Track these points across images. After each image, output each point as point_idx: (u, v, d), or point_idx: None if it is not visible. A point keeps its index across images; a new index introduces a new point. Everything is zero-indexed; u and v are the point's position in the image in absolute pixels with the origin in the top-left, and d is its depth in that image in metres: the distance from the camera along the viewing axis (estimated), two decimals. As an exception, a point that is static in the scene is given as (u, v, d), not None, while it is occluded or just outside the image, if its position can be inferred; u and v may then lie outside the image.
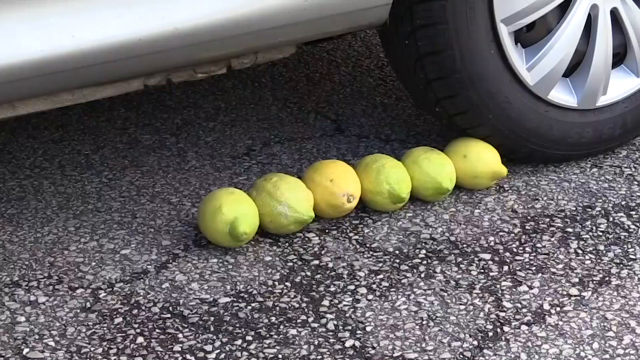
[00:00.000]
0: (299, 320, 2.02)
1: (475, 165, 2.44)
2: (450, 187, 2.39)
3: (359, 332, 1.99)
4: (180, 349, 1.94)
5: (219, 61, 2.23)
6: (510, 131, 2.47)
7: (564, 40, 2.44)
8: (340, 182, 2.31)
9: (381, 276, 2.16)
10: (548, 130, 2.50)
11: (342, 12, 2.20)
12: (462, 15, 2.32)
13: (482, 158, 2.44)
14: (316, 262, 2.22)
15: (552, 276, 2.16)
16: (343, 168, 2.36)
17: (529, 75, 2.43)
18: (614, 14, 2.52)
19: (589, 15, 2.48)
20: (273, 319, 2.03)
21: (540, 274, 2.17)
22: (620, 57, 2.58)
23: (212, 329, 2.00)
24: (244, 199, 2.24)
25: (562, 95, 2.51)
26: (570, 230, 2.34)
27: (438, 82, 2.41)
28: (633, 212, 2.40)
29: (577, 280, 2.15)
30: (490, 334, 1.98)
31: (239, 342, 1.96)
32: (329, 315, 2.04)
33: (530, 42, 2.46)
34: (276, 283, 2.14)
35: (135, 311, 2.05)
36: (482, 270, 2.18)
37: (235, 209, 2.20)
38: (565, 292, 2.11)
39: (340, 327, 2.00)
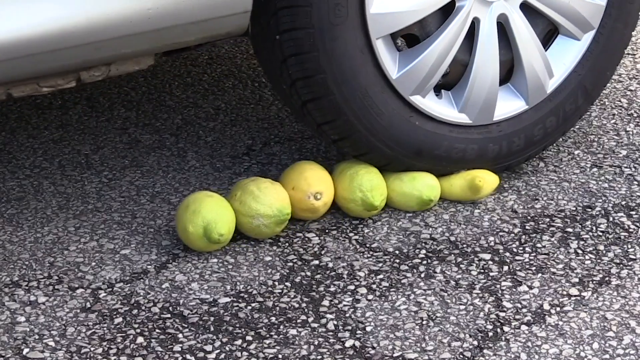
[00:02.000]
0: (299, 320, 2.02)
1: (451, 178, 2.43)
2: (433, 196, 2.37)
3: (359, 332, 1.99)
4: (180, 349, 1.94)
5: (66, 74, 2.07)
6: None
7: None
8: (303, 184, 2.30)
9: (381, 276, 2.16)
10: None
11: (194, 21, 2.04)
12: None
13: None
14: (316, 262, 2.22)
15: (552, 276, 2.16)
16: (307, 169, 2.34)
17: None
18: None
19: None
20: (273, 319, 2.03)
21: (540, 274, 2.17)
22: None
23: (212, 329, 2.00)
24: (219, 202, 2.23)
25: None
26: (570, 230, 2.34)
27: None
28: (633, 212, 2.40)
29: (577, 280, 2.15)
30: (490, 334, 1.98)
31: (239, 342, 1.96)
32: (329, 315, 2.04)
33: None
34: (276, 283, 2.14)
35: (135, 311, 2.05)
36: (482, 270, 2.18)
37: (210, 212, 2.19)
38: (565, 292, 2.11)
39: (340, 327, 2.00)
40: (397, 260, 2.22)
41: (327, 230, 2.33)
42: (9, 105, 3.00)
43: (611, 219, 2.38)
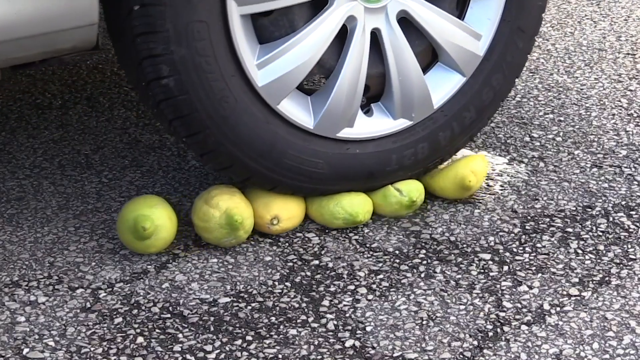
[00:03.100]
0: (299, 320, 2.02)
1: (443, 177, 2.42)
2: (416, 198, 2.36)
3: (359, 332, 1.99)
4: (180, 349, 1.94)
5: None
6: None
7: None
8: (262, 209, 2.27)
9: (381, 276, 2.16)
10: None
11: (31, 35, 1.86)
12: None
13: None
14: (316, 262, 2.22)
15: (552, 276, 2.16)
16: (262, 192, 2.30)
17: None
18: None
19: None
20: (273, 319, 2.03)
21: (540, 274, 2.17)
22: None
23: (212, 329, 2.00)
24: (157, 202, 2.22)
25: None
26: (570, 230, 2.34)
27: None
28: (633, 212, 2.40)
29: (577, 280, 2.15)
30: (490, 334, 1.98)
31: (239, 342, 1.96)
32: (329, 315, 2.04)
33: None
34: (276, 283, 2.14)
35: (135, 311, 2.05)
36: (482, 270, 2.18)
37: (140, 209, 2.19)
38: (565, 292, 2.11)
39: (340, 327, 2.00)
40: (397, 260, 2.22)
41: (327, 230, 2.33)
42: (9, 105, 3.00)
43: (611, 219, 2.38)
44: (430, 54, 2.33)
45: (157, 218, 2.18)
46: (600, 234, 2.32)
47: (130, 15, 2.00)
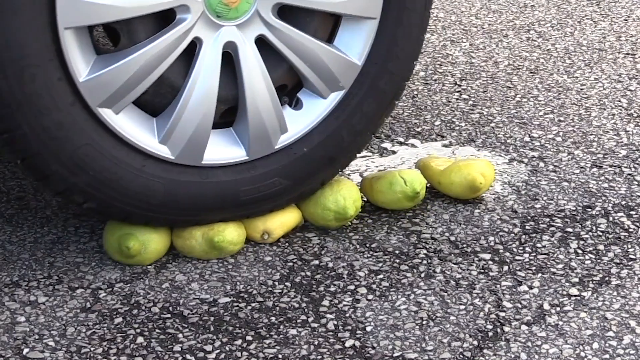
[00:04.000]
0: (299, 320, 2.02)
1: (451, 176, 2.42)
2: (419, 190, 2.36)
3: (359, 332, 1.99)
4: (180, 349, 1.94)
5: None
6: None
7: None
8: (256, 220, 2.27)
9: (381, 276, 2.16)
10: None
11: None
12: None
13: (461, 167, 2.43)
14: (316, 262, 2.22)
15: (552, 276, 2.16)
16: None
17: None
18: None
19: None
20: (273, 319, 2.03)
21: (540, 274, 2.17)
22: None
23: (212, 329, 2.00)
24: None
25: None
26: (570, 230, 2.34)
27: None
28: (633, 212, 2.40)
29: (577, 280, 2.15)
30: (490, 334, 1.98)
31: (239, 342, 1.96)
32: (329, 315, 2.04)
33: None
34: (276, 283, 2.14)
35: (135, 311, 2.05)
36: (482, 270, 2.18)
37: (121, 227, 2.17)
38: (565, 292, 2.11)
39: (340, 327, 2.00)
40: (397, 260, 2.22)
41: (327, 230, 2.33)
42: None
43: (611, 219, 2.38)
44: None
45: (142, 233, 2.16)
46: (600, 234, 2.32)
47: None
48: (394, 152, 2.71)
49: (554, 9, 3.86)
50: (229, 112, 2.17)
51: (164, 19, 2.03)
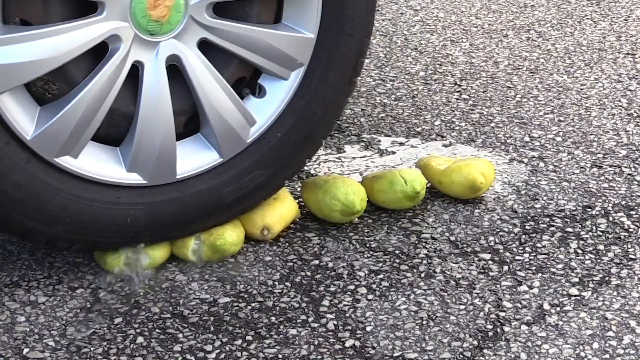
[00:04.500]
0: (299, 320, 2.02)
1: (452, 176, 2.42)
2: (420, 189, 2.36)
3: (359, 332, 1.99)
4: (180, 349, 1.94)
5: None
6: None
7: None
8: (255, 216, 2.27)
9: (381, 276, 2.16)
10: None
11: None
12: None
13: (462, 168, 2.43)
14: (316, 262, 2.22)
15: (552, 276, 2.16)
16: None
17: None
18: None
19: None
20: (273, 319, 2.03)
21: (540, 274, 2.17)
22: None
23: (212, 329, 2.00)
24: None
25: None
26: (570, 230, 2.34)
27: None
28: (633, 212, 2.40)
29: (577, 280, 2.15)
30: (490, 334, 1.98)
31: (239, 342, 1.96)
32: (329, 315, 2.04)
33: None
34: (276, 283, 2.14)
35: (135, 311, 2.05)
36: (482, 270, 2.18)
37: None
38: (565, 292, 2.11)
39: (340, 327, 2.00)
40: (397, 260, 2.22)
41: (327, 230, 2.33)
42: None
43: (611, 219, 2.38)
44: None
45: (133, 250, 2.15)
46: (600, 234, 2.32)
47: None
48: (394, 152, 2.71)
49: (554, 9, 3.86)
50: (194, 118, 2.14)
51: (99, 52, 1.99)
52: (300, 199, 2.42)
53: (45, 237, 2.04)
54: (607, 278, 2.16)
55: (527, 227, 2.35)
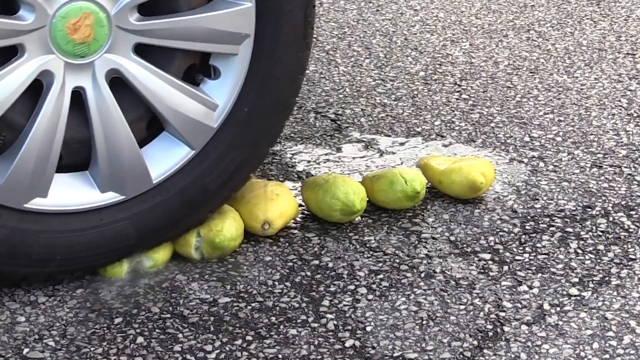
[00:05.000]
0: (299, 320, 2.02)
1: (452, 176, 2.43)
2: (420, 189, 2.36)
3: (359, 332, 1.99)
4: (180, 349, 1.94)
5: None
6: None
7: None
8: (257, 212, 2.27)
9: (381, 276, 2.16)
10: None
11: None
12: None
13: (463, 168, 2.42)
14: (316, 262, 2.22)
15: (552, 276, 2.16)
16: (257, 195, 2.30)
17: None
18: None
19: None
20: (273, 319, 2.03)
21: (540, 274, 2.17)
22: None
23: (212, 329, 2.00)
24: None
25: None
26: (570, 230, 2.34)
27: None
28: (633, 212, 2.40)
29: (577, 280, 2.15)
30: (490, 334, 1.98)
31: (239, 342, 1.96)
32: (329, 315, 2.04)
33: None
34: (276, 283, 2.14)
35: (135, 311, 2.05)
36: (482, 270, 2.18)
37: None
38: (565, 292, 2.11)
39: (340, 327, 2.00)
40: (397, 260, 2.22)
41: (327, 230, 2.33)
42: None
43: (611, 219, 2.38)
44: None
45: (129, 260, 2.16)
46: (600, 234, 2.32)
47: None
48: (394, 152, 2.71)
49: (554, 9, 3.86)
50: (155, 119, 2.09)
51: (37, 89, 1.95)
52: (300, 198, 2.42)
53: (42, 276, 2.08)
54: (607, 278, 2.16)
55: (527, 227, 2.35)
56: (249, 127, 2.13)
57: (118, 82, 2.02)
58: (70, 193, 2.03)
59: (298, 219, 2.37)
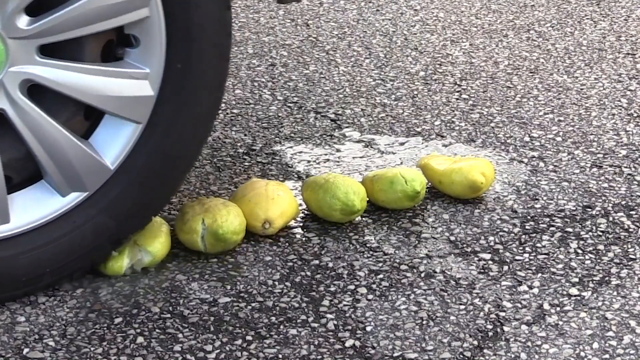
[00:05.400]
0: (299, 320, 2.02)
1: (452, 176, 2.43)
2: (420, 189, 2.36)
3: (359, 332, 1.99)
4: (180, 349, 1.94)
5: None
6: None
7: None
8: (258, 211, 2.27)
9: (381, 276, 2.16)
10: None
11: None
12: None
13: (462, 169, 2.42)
14: (316, 262, 2.22)
15: (552, 276, 2.16)
16: (258, 193, 2.30)
17: None
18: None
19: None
20: (273, 319, 2.03)
21: (540, 274, 2.17)
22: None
23: (212, 329, 2.00)
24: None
25: None
26: (570, 230, 2.34)
27: None
28: (633, 212, 2.40)
29: (577, 280, 2.15)
30: (490, 334, 1.98)
31: (239, 342, 1.96)
32: (329, 315, 2.04)
33: None
34: (276, 283, 2.14)
35: (135, 311, 2.05)
36: (482, 270, 2.18)
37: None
38: (565, 292, 2.11)
39: (340, 327, 2.00)
40: (397, 260, 2.22)
41: (327, 230, 2.33)
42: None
43: (611, 218, 2.38)
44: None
45: (133, 252, 2.16)
46: (600, 234, 2.32)
47: None
48: (394, 152, 2.71)
49: (554, 9, 3.86)
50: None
51: None
52: (300, 198, 2.42)
53: (40, 288, 2.08)
54: (607, 278, 2.16)
55: (527, 227, 2.35)
56: (188, 80, 2.03)
57: (40, 87, 1.96)
58: (34, 207, 2.01)
59: (298, 219, 2.37)
